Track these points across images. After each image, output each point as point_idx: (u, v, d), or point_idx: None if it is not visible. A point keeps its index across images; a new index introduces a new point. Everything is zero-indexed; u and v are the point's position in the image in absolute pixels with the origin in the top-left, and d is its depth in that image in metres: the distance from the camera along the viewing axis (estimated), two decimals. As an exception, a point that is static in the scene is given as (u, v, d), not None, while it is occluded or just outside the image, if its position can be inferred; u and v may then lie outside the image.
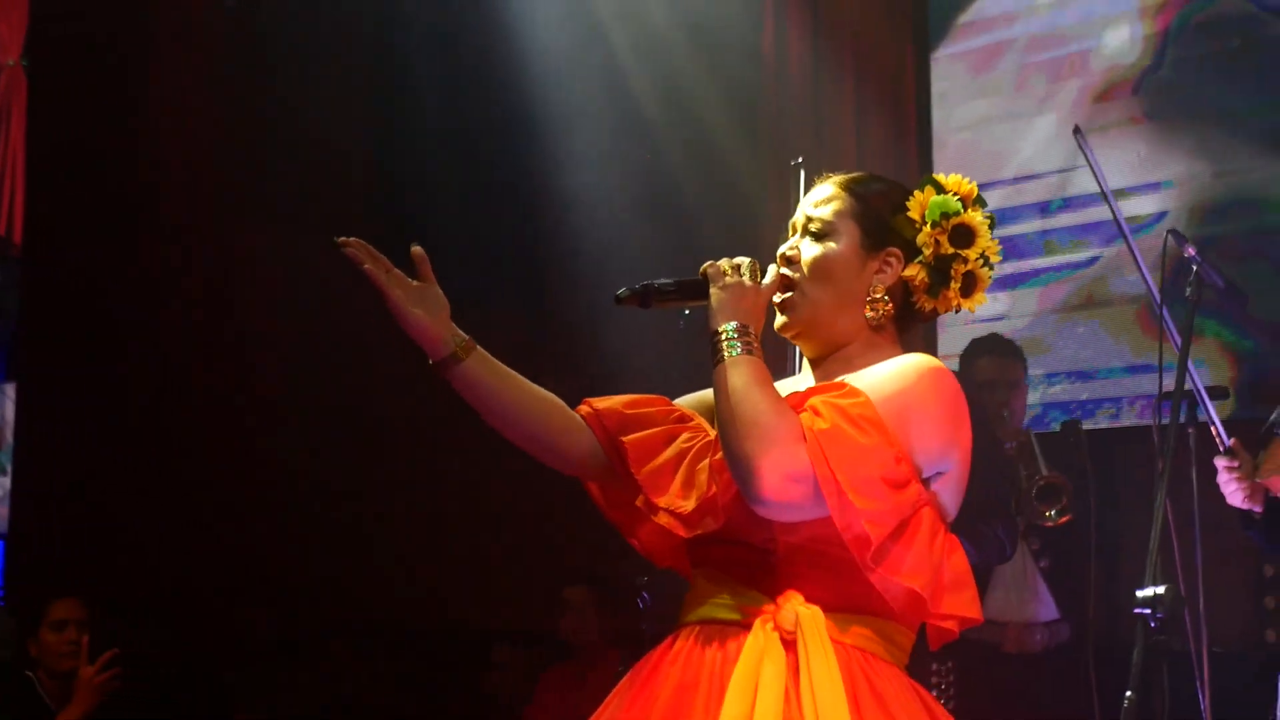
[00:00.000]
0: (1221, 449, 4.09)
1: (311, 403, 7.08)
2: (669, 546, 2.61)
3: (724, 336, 2.46)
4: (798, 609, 2.40)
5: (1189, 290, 3.87)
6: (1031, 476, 5.16)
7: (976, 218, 2.60)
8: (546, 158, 6.82)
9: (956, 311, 2.65)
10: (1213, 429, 4.10)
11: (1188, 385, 4.14)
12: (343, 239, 2.55)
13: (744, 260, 2.56)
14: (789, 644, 2.38)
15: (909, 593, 2.40)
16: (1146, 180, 5.93)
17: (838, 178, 2.64)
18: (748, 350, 2.45)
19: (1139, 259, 4.15)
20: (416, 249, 2.58)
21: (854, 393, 2.38)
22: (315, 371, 6.96)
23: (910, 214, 2.60)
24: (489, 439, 2.85)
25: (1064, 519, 5.11)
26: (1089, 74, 6.17)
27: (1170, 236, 3.94)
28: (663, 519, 2.49)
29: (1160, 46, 6.03)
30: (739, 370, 2.42)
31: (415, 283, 2.58)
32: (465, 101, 7.07)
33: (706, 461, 2.49)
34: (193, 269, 6.99)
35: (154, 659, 6.35)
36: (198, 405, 6.99)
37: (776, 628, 2.40)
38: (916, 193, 2.61)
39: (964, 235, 2.59)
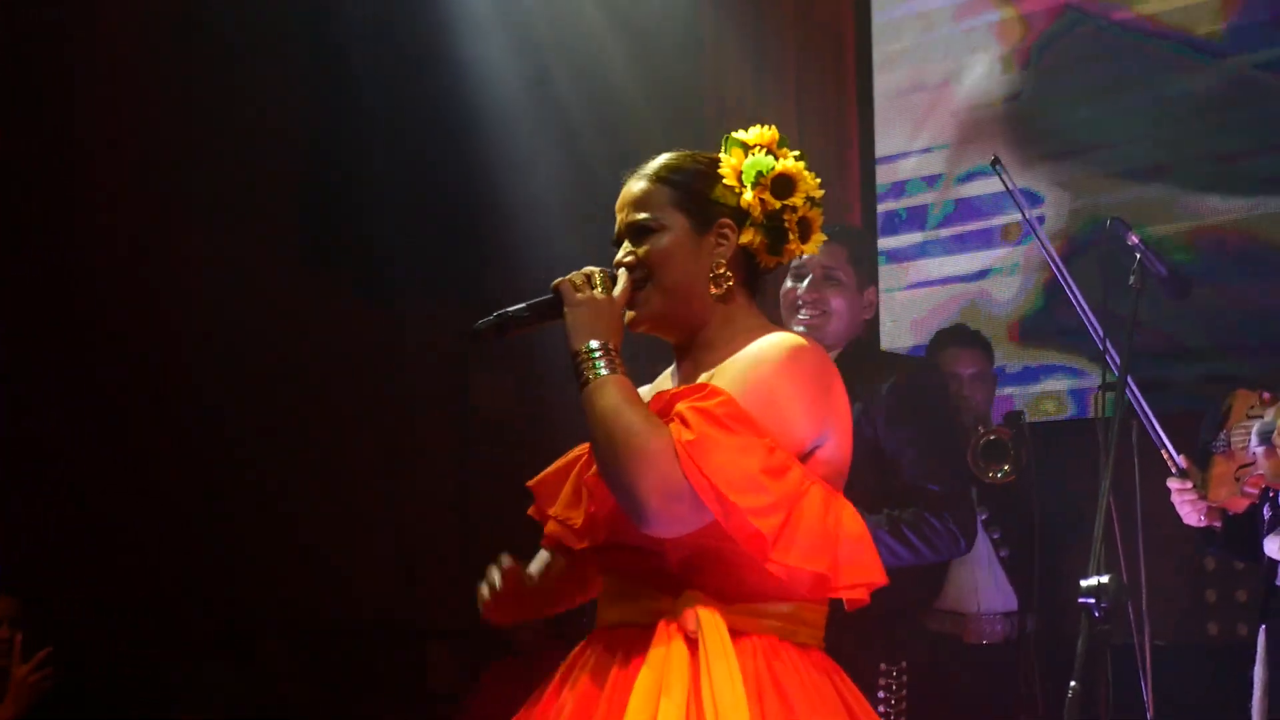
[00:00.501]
0: (1174, 470, 4.07)
1: (251, 401, 7.06)
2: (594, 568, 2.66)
3: (585, 357, 2.45)
4: (698, 610, 2.39)
5: (1133, 279, 3.87)
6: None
7: (790, 163, 2.60)
8: (486, 152, 6.83)
9: (801, 257, 2.70)
10: (1163, 452, 4.08)
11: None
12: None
13: (594, 270, 2.55)
14: (692, 645, 2.38)
15: (813, 574, 2.40)
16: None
17: (644, 170, 2.64)
18: (611, 368, 2.44)
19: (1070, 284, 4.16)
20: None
21: (715, 392, 2.38)
22: (254, 372, 6.96)
23: (727, 182, 2.60)
24: (423, 441, 2.85)
25: (1009, 479, 5.16)
26: (955, 103, 6.36)
27: (1112, 224, 3.95)
28: (552, 527, 2.54)
29: (1021, 76, 6.23)
30: (605, 392, 2.41)
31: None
32: (404, 96, 7.08)
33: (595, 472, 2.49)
34: (123, 263, 6.94)
35: (96, 657, 6.32)
36: (135, 403, 6.95)
37: (680, 629, 2.40)
38: (725, 158, 2.62)
39: (785, 185, 2.60)
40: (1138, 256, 3.90)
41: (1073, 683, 3.35)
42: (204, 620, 7.03)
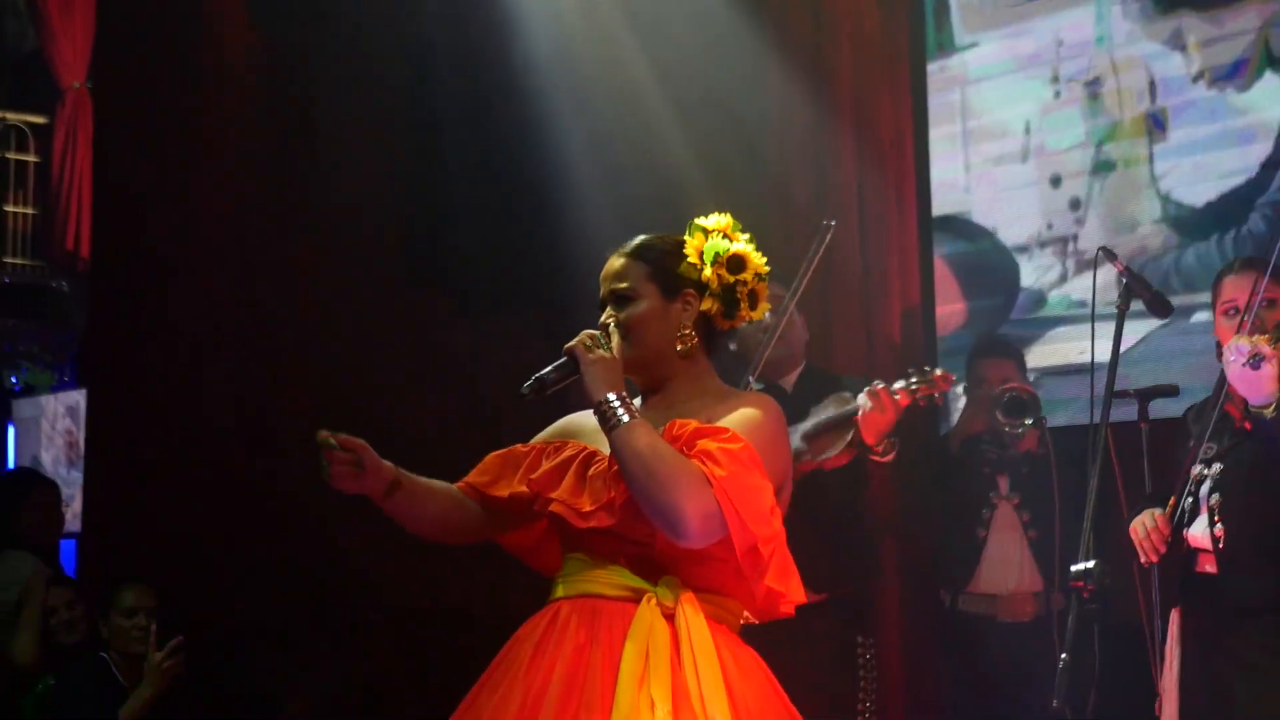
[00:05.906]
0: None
1: (340, 415, 7.27)
2: (530, 547, 3.26)
3: (610, 407, 2.98)
4: (679, 590, 2.97)
5: (1119, 299, 4.26)
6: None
7: (742, 246, 3.17)
8: (572, 215, 7.11)
9: (750, 323, 3.27)
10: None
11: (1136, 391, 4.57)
12: (325, 437, 3.17)
13: (594, 333, 3.09)
14: (668, 617, 2.95)
15: (774, 592, 3.00)
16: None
17: (624, 249, 3.19)
18: (631, 414, 2.98)
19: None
20: (336, 440, 3.18)
21: (736, 438, 2.95)
22: (344, 386, 7.14)
23: (691, 260, 3.14)
24: (507, 439, 3.34)
25: (1035, 429, 5.50)
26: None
27: (1101, 253, 4.35)
28: (557, 508, 3.04)
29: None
30: (637, 433, 2.94)
31: (363, 456, 3.18)
32: (495, 159, 7.42)
33: (595, 470, 3.04)
34: (241, 289, 7.24)
35: (218, 646, 6.58)
36: (245, 412, 7.25)
37: (659, 603, 2.96)
38: (689, 239, 3.17)
39: (738, 263, 3.15)
40: (1124, 281, 4.30)
41: (1064, 655, 3.82)
42: (313, 614, 7.17)
